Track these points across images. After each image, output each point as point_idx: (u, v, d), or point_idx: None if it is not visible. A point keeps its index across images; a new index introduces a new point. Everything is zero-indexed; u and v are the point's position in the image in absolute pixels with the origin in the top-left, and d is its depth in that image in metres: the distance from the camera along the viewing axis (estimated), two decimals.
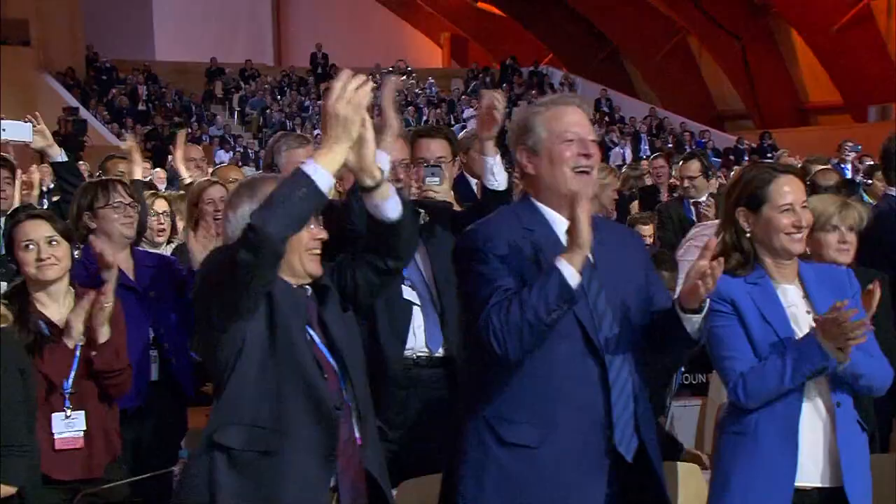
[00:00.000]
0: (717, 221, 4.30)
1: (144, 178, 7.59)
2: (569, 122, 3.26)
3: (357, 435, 3.15)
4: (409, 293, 4.23)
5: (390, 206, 3.13)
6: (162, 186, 10.16)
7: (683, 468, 4.14)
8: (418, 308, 4.25)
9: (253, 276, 2.90)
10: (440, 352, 4.26)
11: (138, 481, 4.04)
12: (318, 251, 3.15)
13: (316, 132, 19.09)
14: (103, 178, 5.77)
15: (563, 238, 3.20)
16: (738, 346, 3.42)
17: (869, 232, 4.53)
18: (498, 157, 4.25)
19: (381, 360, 4.11)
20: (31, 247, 4.01)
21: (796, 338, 3.39)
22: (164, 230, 5.97)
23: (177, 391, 4.81)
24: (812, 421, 3.41)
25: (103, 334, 4.02)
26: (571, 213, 3.07)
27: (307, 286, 3.20)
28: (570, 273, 3.06)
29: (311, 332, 3.14)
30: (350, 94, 2.89)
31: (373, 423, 3.24)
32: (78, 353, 4.04)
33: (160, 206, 6.06)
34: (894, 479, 3.87)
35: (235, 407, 3.04)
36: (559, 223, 3.24)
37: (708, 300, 3.17)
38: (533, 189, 3.33)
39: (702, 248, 3.15)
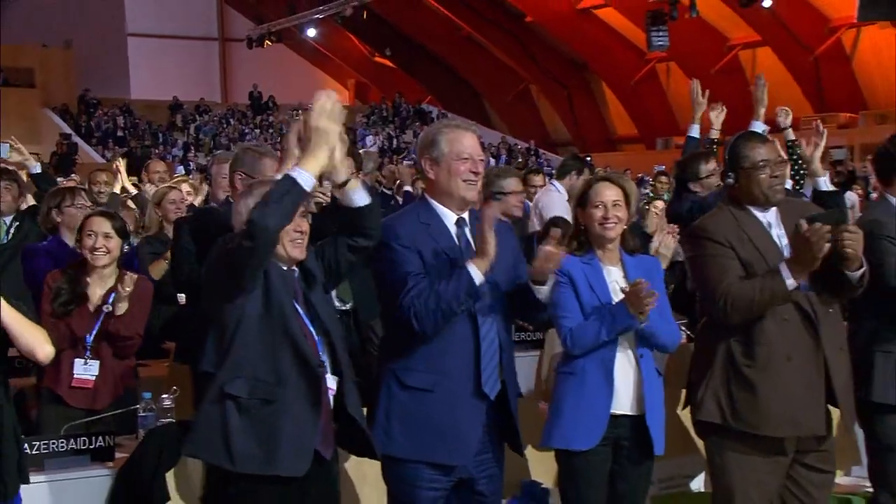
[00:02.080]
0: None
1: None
2: (466, 144, 3.17)
3: (332, 386, 2.99)
4: None
5: (359, 196, 3.02)
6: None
7: (522, 403, 4.09)
8: None
9: (251, 258, 2.76)
10: (349, 306, 4.24)
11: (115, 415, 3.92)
12: (301, 240, 2.97)
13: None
14: (69, 185, 5.72)
15: (452, 228, 3.17)
16: (570, 307, 3.39)
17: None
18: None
19: None
20: (91, 236, 4.05)
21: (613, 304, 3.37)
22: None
23: None
24: (623, 366, 3.40)
25: (119, 309, 4.01)
26: (482, 232, 3.00)
27: (296, 269, 3.03)
28: (477, 276, 3.01)
29: (297, 306, 2.97)
30: (328, 112, 2.79)
31: (350, 378, 3.07)
32: (101, 318, 4.05)
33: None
34: (676, 410, 3.90)
35: (241, 363, 2.87)
36: (449, 217, 3.19)
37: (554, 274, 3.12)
38: (430, 190, 3.24)
39: (548, 238, 3.11)
